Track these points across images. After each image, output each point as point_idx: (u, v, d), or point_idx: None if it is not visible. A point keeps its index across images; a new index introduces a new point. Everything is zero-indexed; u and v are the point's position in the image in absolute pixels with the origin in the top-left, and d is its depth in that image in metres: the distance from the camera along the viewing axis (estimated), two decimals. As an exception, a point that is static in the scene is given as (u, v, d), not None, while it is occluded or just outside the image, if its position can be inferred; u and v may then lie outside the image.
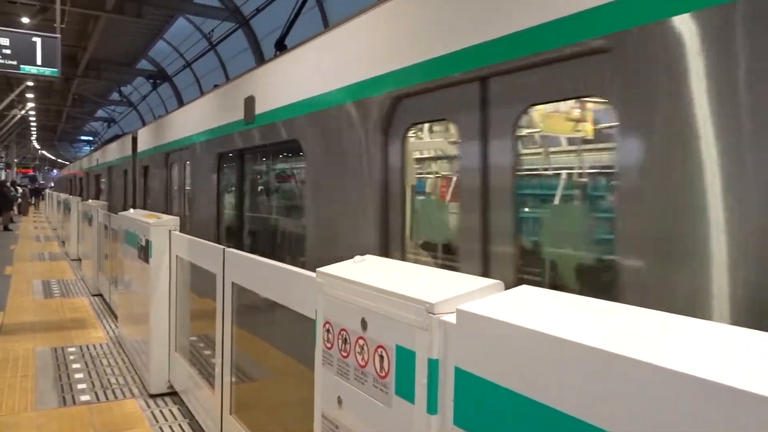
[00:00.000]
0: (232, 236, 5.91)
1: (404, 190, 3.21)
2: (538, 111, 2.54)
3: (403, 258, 3.20)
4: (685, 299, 1.80)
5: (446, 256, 3.04)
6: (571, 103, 2.42)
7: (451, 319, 1.46)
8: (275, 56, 4.94)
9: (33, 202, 38.65)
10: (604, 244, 2.25)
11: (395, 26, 3.20)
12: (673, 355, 0.99)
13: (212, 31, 22.85)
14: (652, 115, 1.92)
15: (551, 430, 1.16)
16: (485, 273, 2.61)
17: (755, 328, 1.13)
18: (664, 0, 1.88)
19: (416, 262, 3.13)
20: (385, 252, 3.24)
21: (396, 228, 3.24)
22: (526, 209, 2.57)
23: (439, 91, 2.90)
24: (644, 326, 1.19)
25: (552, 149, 2.61)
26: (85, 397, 4.82)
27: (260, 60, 20.26)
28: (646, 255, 1.92)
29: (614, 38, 2.03)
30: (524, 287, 1.57)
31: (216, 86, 6.76)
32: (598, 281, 2.32)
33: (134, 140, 11.18)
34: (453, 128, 2.93)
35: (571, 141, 2.54)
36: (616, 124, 2.06)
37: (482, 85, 2.65)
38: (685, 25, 1.82)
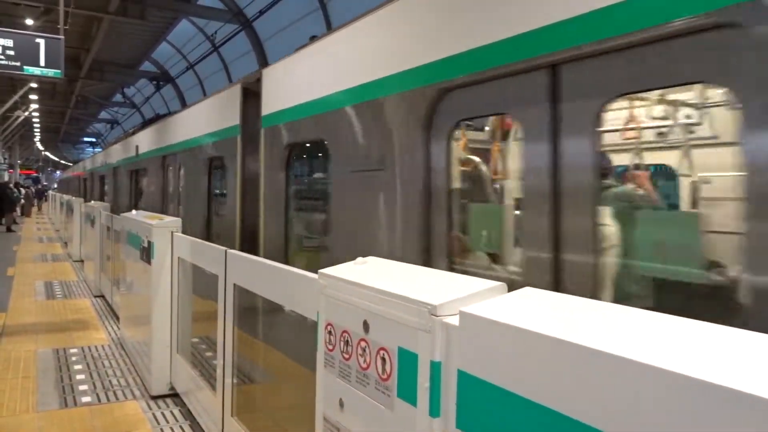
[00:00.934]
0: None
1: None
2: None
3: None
4: None
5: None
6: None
7: (454, 321, 1.45)
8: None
9: (35, 203, 38.72)
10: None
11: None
12: (678, 358, 0.98)
13: (215, 33, 22.93)
14: None
15: (555, 434, 1.14)
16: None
17: None
18: None
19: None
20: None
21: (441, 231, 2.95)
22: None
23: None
24: (650, 329, 1.18)
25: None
26: (86, 399, 4.82)
27: (263, 61, 20.29)
28: None
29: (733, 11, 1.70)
30: (527, 289, 1.56)
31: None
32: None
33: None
34: None
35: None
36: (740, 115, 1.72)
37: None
38: None
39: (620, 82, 2.01)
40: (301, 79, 4.55)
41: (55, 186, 54.95)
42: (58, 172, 73.26)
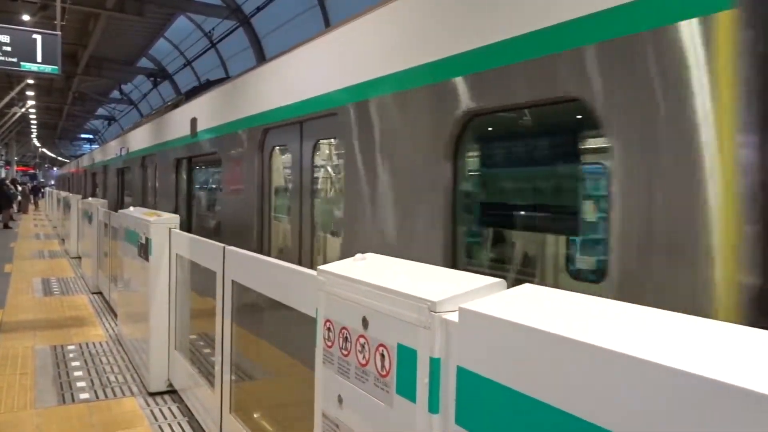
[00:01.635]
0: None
1: None
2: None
3: None
4: None
5: None
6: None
7: (454, 317, 1.45)
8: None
9: (32, 200, 38.64)
10: None
11: None
12: (679, 354, 0.98)
13: (213, 29, 22.87)
14: None
15: (554, 430, 1.14)
16: None
17: None
18: None
19: None
20: None
21: None
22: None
23: None
24: (649, 325, 1.18)
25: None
26: (84, 396, 4.81)
27: (261, 58, 20.25)
28: None
29: None
30: (527, 285, 1.56)
31: None
32: None
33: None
34: None
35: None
36: None
37: None
38: None
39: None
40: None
41: (52, 183, 54.83)
42: (55, 169, 73.11)
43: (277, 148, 5.15)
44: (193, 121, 7.36)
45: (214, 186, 7.56)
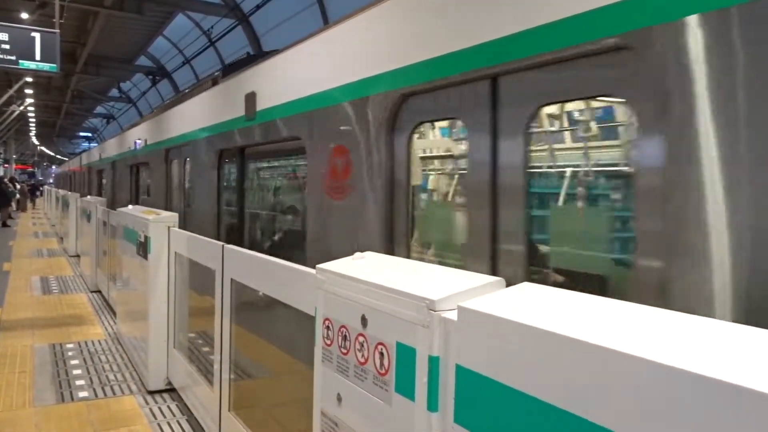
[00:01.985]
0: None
1: None
2: None
3: None
4: None
5: None
6: None
7: (453, 316, 1.45)
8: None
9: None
10: None
11: None
12: (675, 352, 0.99)
13: (212, 27, 22.82)
14: None
15: (553, 427, 1.15)
16: None
17: None
18: None
19: None
20: None
21: None
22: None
23: None
24: (647, 324, 1.18)
25: None
26: (83, 394, 4.81)
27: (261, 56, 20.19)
28: None
29: None
30: (525, 284, 1.57)
31: None
32: None
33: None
34: None
35: None
36: None
37: None
38: None
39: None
40: None
41: (51, 181, 54.72)
42: (53, 167, 72.97)
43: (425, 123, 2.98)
44: (251, 97, 4.97)
45: (288, 185, 5.18)
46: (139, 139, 10.06)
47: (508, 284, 1.61)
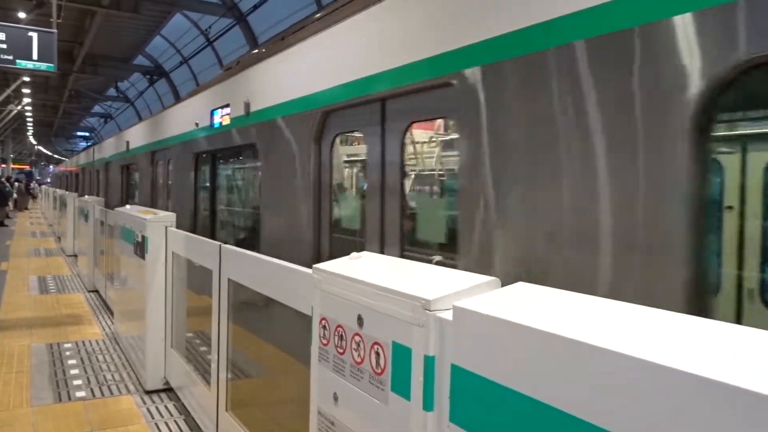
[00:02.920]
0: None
1: None
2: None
3: None
4: None
5: None
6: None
7: (448, 315, 1.46)
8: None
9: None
10: None
11: None
12: (671, 352, 0.99)
13: (210, 27, 22.79)
14: None
15: (548, 427, 1.15)
16: None
17: None
18: None
19: None
20: None
21: None
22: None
23: None
24: (642, 323, 1.19)
25: None
26: (80, 393, 4.81)
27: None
28: None
29: None
30: (521, 284, 1.57)
31: None
32: None
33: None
34: None
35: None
36: None
37: None
38: None
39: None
40: None
41: (48, 180, 54.59)
42: (51, 167, 72.83)
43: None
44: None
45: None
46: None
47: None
